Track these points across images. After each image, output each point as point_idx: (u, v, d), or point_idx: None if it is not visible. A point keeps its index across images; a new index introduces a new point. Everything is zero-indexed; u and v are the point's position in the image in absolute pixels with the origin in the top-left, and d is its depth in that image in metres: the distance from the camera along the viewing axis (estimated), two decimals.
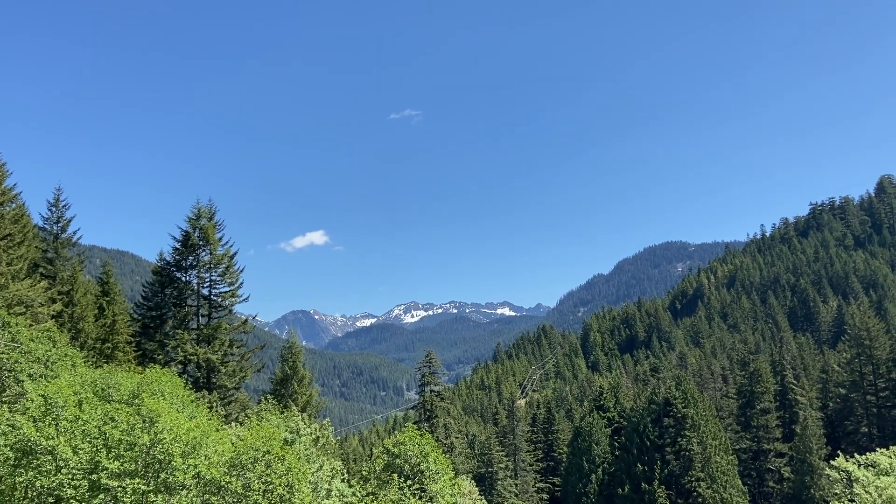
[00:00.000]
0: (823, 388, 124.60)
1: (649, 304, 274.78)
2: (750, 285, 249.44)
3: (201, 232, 56.46)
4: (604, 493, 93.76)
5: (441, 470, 22.72)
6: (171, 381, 28.24)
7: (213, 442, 22.08)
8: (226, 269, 57.43)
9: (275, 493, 20.03)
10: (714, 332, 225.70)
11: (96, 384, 26.44)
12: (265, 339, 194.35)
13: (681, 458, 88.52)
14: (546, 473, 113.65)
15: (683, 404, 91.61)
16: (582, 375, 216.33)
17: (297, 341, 56.76)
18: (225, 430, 26.63)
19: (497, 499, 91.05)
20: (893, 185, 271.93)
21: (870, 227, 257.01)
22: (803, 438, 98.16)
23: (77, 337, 49.80)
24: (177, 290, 57.10)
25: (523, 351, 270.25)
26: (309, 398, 51.57)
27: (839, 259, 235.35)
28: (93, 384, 26.33)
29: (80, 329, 50.71)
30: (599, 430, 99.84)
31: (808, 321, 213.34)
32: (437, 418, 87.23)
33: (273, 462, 20.44)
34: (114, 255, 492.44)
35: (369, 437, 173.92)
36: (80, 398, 24.68)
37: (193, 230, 56.61)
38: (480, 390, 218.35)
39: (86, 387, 26.06)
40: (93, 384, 26.33)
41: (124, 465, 20.60)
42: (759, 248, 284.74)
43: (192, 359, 53.26)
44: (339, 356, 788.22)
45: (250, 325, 57.42)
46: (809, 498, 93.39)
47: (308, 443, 24.28)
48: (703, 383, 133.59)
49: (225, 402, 53.40)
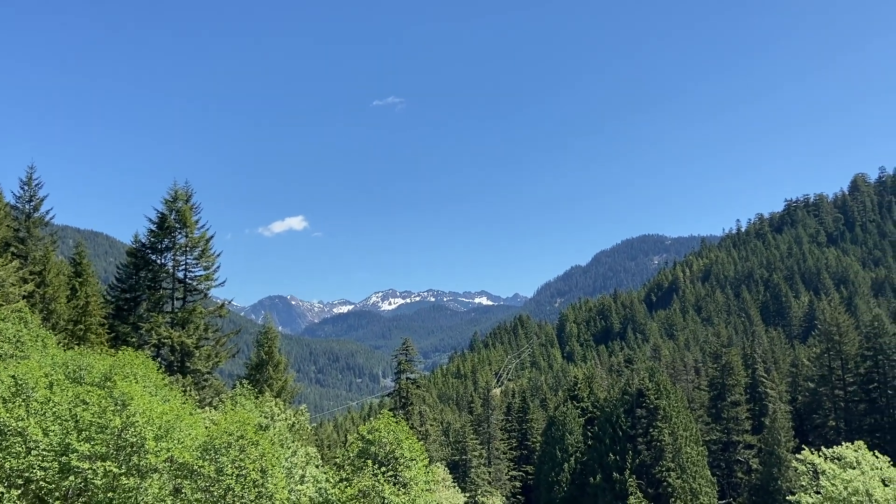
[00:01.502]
0: (793, 382, 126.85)
1: (625, 297, 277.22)
2: (724, 279, 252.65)
3: (178, 214, 55.86)
4: (576, 481, 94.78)
5: (415, 457, 22.80)
6: (144, 364, 27.96)
7: (187, 426, 21.94)
8: (202, 253, 56.94)
9: (248, 477, 19.97)
10: (688, 324, 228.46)
11: (68, 366, 26.11)
12: (241, 324, 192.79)
13: (652, 448, 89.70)
14: (519, 462, 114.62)
15: (656, 395, 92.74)
16: (557, 365, 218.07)
17: (273, 326, 56.49)
18: (199, 414, 26.46)
19: (470, 486, 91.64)
20: (867, 183, 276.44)
21: (843, 225, 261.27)
22: (772, 431, 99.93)
23: (49, 318, 49.08)
24: (151, 272, 56.51)
25: (500, 340, 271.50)
26: (284, 384, 51.42)
27: (812, 255, 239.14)
28: (64, 366, 26.00)
29: (52, 310, 49.98)
30: (573, 420, 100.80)
31: (780, 316, 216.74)
32: (413, 406, 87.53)
33: (247, 447, 20.36)
34: (87, 236, 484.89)
35: (344, 424, 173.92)
36: (51, 380, 24.37)
37: (170, 212, 56.01)
38: (456, 379, 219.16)
39: (57, 368, 25.72)
40: (64, 366, 26.00)
41: (95, 447, 20.41)
42: (734, 242, 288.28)
43: (165, 342, 52.82)
44: (316, 342, 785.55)
45: (226, 310, 57.02)
46: (777, 489, 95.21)
47: (283, 428, 24.21)
48: (675, 375, 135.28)
49: (199, 387, 53.06)
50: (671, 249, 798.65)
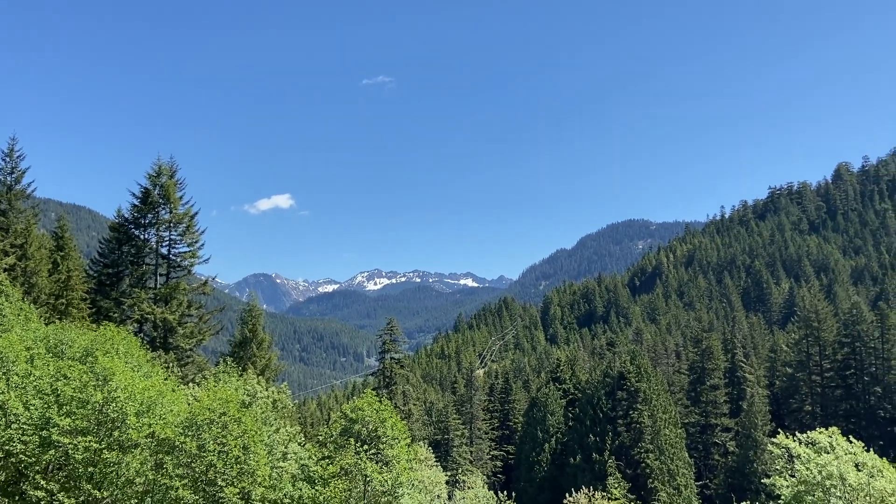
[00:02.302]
0: (771, 367, 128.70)
1: (609, 280, 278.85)
2: (707, 265, 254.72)
3: (161, 190, 55.28)
4: (556, 461, 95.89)
5: (398, 436, 22.96)
6: (125, 340, 27.83)
7: (169, 402, 21.92)
8: (186, 229, 56.48)
9: (230, 454, 20.02)
10: (670, 309, 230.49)
11: (49, 340, 25.93)
12: (225, 302, 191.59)
13: (632, 430, 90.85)
14: (501, 441, 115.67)
15: (637, 378, 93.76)
16: (540, 348, 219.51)
17: (257, 304, 56.35)
18: (181, 390, 26.43)
19: (452, 465, 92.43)
20: (850, 172, 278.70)
21: (825, 213, 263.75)
22: (749, 414, 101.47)
23: (30, 291, 48.60)
24: (135, 248, 56.02)
25: (484, 322, 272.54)
26: (268, 362, 51.40)
27: (793, 243, 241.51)
28: (45, 340, 25.82)
29: (33, 284, 49.48)
30: (555, 402, 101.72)
31: (761, 302, 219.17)
32: (397, 385, 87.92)
33: (229, 424, 20.39)
34: (70, 210, 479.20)
35: (328, 402, 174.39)
36: (32, 353, 24.21)
37: (153, 187, 55.41)
38: (440, 359, 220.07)
39: (38, 342, 25.54)
40: (45, 340, 25.82)
41: (76, 422, 20.35)
42: (717, 228, 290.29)
43: (148, 318, 52.54)
44: (300, 321, 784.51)
45: (210, 287, 56.75)
46: (752, 471, 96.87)
47: (265, 406, 24.26)
48: (657, 359, 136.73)
49: (182, 363, 52.90)
50: (656, 234, 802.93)
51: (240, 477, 20.24)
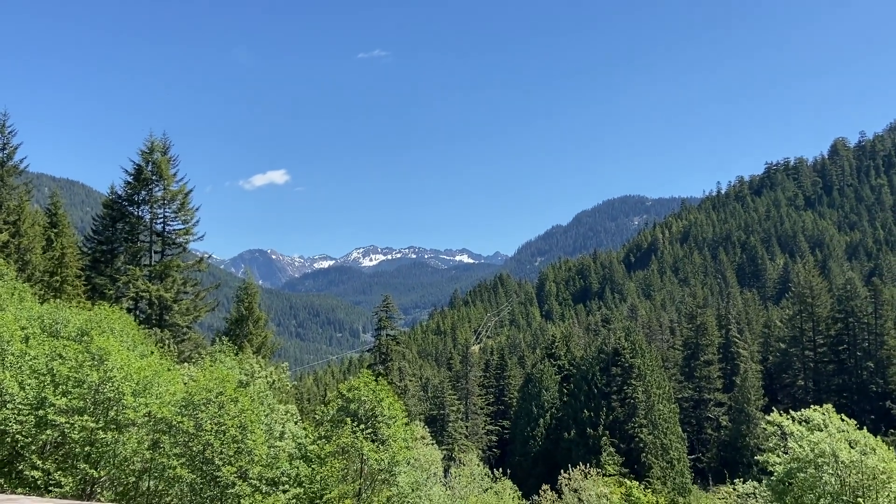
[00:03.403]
0: (765, 343, 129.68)
1: (604, 257, 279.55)
2: (703, 241, 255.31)
3: (154, 166, 54.83)
4: (550, 436, 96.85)
5: (395, 415, 23.04)
6: (120, 318, 27.76)
7: (165, 382, 21.90)
8: (180, 206, 56.14)
9: (227, 433, 20.05)
10: (665, 285, 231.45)
11: (43, 319, 25.83)
12: (221, 278, 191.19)
13: (626, 405, 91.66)
14: (496, 417, 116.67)
15: (631, 354, 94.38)
16: (536, 324, 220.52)
17: (252, 282, 56.28)
18: (177, 370, 26.44)
19: (448, 440, 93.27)
20: (847, 147, 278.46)
21: (821, 188, 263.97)
22: (742, 389, 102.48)
23: (24, 269, 48.34)
24: (129, 224, 55.70)
25: (480, 298, 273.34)
26: (264, 339, 51.48)
27: (789, 218, 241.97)
28: (40, 319, 25.72)
29: (27, 261, 49.20)
30: (550, 377, 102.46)
31: (756, 277, 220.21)
32: (393, 362, 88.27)
33: (226, 403, 20.40)
34: (63, 185, 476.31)
35: (324, 378, 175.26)
36: (27, 333, 24.12)
37: (146, 164, 54.94)
38: (436, 335, 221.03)
39: (33, 322, 25.44)
40: (40, 319, 25.72)
41: (72, 401, 20.32)
42: (713, 204, 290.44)
43: (143, 295, 52.42)
44: (296, 297, 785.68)
45: (205, 264, 56.64)
46: (745, 445, 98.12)
47: (262, 385, 24.31)
48: (651, 335, 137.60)
49: (178, 341, 52.91)
50: (651, 210, 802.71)
51: (237, 456, 20.30)
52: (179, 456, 19.91)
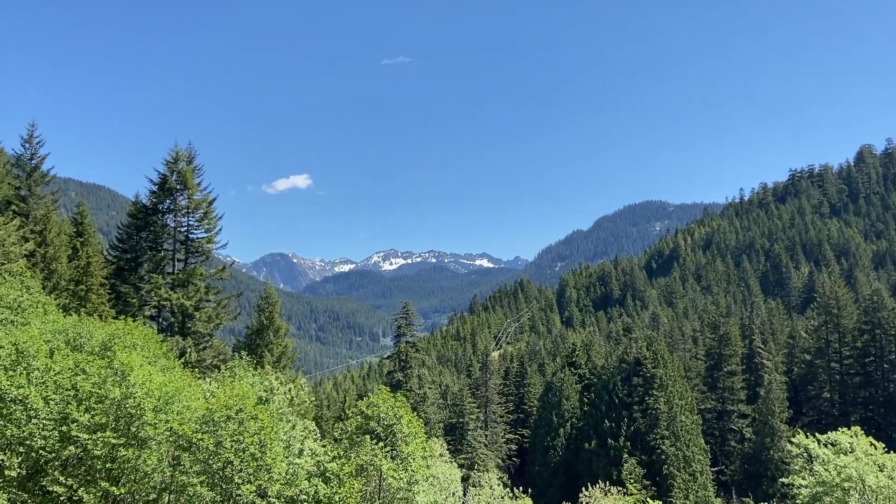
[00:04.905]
0: (789, 353, 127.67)
1: (625, 263, 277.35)
2: (725, 248, 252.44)
3: (179, 176, 55.34)
4: (571, 446, 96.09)
5: (413, 432, 22.99)
6: (143, 333, 28.01)
7: (186, 398, 22.05)
8: (204, 215, 56.59)
9: (247, 451, 20.12)
10: (687, 293, 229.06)
11: (68, 333, 26.14)
12: (243, 281, 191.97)
13: (647, 416, 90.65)
14: (516, 425, 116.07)
15: (653, 365, 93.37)
16: (556, 330, 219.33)
17: (273, 292, 56.57)
18: (198, 384, 26.60)
19: (467, 449, 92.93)
20: (873, 155, 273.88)
21: (846, 196, 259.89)
22: (766, 401, 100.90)
23: (50, 278, 49.09)
24: (153, 233, 56.23)
25: (499, 303, 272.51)
26: (284, 349, 51.70)
27: (814, 226, 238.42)
28: (64, 333, 26.03)
29: (52, 270, 49.94)
30: (570, 386, 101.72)
31: (780, 286, 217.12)
32: (412, 369, 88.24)
33: (246, 421, 20.48)
34: (89, 189, 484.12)
35: (343, 383, 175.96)
36: (52, 347, 24.42)
37: (171, 174, 55.46)
38: (455, 341, 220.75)
39: (57, 335, 25.76)
40: (64, 333, 26.03)
41: (95, 417, 20.53)
42: (736, 211, 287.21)
43: (165, 304, 52.89)
44: (317, 300, 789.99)
45: (227, 273, 57.01)
46: (769, 458, 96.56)
47: (282, 402, 24.39)
48: (673, 344, 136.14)
49: (200, 348, 53.34)
50: (673, 216, 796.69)
51: (257, 473, 20.37)
52: (199, 474, 20.02)
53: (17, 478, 20.01)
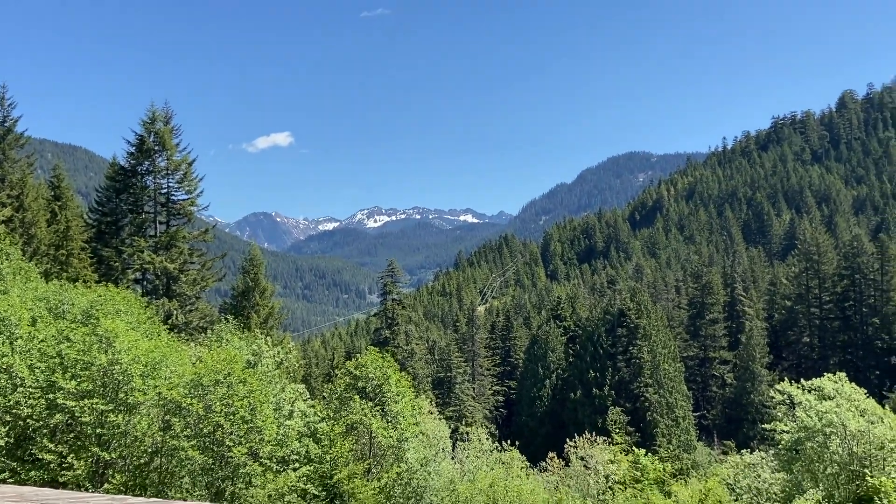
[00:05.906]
0: (770, 300, 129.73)
1: (609, 215, 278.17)
2: (708, 198, 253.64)
3: (157, 137, 54.25)
4: (557, 396, 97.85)
5: (402, 391, 23.15)
6: (125, 298, 27.74)
7: (173, 363, 21.96)
8: (184, 176, 55.71)
9: (237, 414, 20.17)
10: (671, 243, 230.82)
11: (49, 300, 25.83)
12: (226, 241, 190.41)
13: (631, 365, 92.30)
14: (502, 378, 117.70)
15: (637, 315, 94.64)
16: (541, 284, 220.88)
17: (258, 253, 56.21)
18: (185, 349, 26.51)
19: (455, 402, 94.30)
20: (855, 100, 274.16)
21: (828, 143, 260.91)
22: (747, 347, 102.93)
23: (29, 243, 48.27)
24: (133, 196, 55.34)
25: (485, 259, 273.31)
26: (271, 310, 51.64)
27: (795, 173, 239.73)
28: (45, 300, 25.71)
29: (32, 235, 49.09)
30: (555, 339, 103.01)
31: (762, 234, 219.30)
32: (399, 326, 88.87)
33: (235, 384, 20.47)
34: (66, 150, 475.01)
35: (332, 340, 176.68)
36: (34, 315, 24.14)
37: (148, 135, 54.34)
38: (442, 296, 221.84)
39: (38, 303, 25.44)
40: (45, 300, 25.71)
41: (82, 384, 20.42)
42: (719, 160, 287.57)
43: (148, 267, 52.43)
44: (302, 259, 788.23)
45: (210, 235, 56.56)
46: (749, 402, 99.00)
47: (270, 364, 24.43)
48: (656, 294, 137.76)
49: (186, 310, 53.13)
50: (657, 167, 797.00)
51: (247, 436, 20.46)
52: (190, 437, 20.07)
53: (4, 446, 19.97)
